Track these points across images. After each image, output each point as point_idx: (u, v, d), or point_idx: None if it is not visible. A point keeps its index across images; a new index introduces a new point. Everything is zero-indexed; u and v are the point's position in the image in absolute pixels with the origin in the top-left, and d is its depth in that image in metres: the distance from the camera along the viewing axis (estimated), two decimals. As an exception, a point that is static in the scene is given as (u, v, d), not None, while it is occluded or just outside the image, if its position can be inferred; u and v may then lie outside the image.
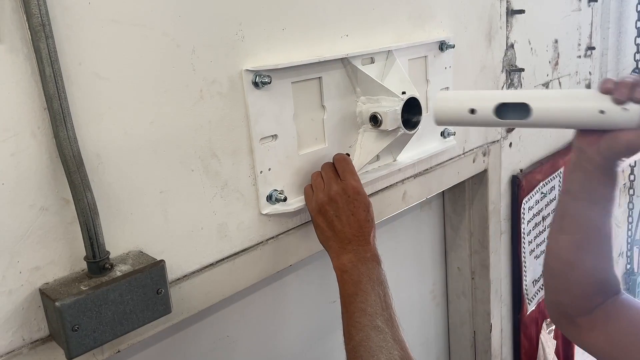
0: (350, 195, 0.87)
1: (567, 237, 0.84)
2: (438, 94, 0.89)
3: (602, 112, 0.73)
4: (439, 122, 0.89)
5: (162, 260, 0.70)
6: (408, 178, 1.19)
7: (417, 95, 0.99)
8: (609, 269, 0.84)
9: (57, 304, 0.61)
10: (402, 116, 0.96)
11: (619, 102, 0.72)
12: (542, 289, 1.73)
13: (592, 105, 0.74)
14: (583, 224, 0.82)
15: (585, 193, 0.80)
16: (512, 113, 0.83)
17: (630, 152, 0.74)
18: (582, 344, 0.87)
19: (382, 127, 0.96)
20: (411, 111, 0.98)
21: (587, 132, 0.78)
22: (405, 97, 0.97)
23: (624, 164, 0.77)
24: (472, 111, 0.85)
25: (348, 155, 0.96)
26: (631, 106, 0.72)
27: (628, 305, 0.83)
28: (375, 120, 0.97)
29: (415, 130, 0.99)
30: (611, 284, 0.85)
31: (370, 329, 0.74)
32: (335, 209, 0.86)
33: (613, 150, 0.74)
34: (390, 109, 0.95)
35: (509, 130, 1.52)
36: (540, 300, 1.76)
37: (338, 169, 0.91)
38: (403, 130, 0.97)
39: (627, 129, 0.73)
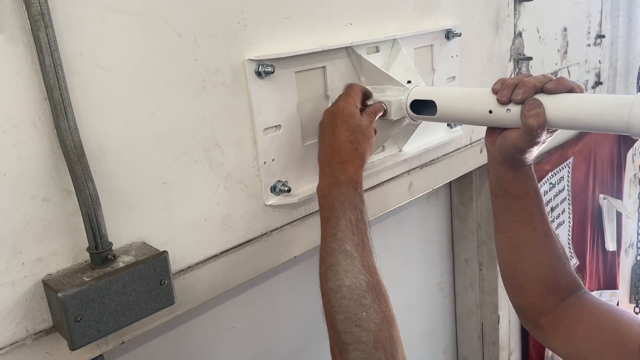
0: (335, 114, 0.83)
1: (503, 235, 0.84)
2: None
3: (490, 112, 0.78)
4: None
5: (164, 251, 0.70)
6: (414, 169, 1.18)
7: (422, 84, 0.98)
8: (556, 265, 0.82)
9: (59, 294, 0.61)
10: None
11: (501, 104, 0.76)
12: (550, 280, 1.72)
13: (483, 104, 0.79)
14: (509, 221, 0.82)
15: (501, 190, 0.82)
16: (425, 109, 0.91)
17: (517, 151, 0.76)
18: (549, 346, 0.85)
19: (387, 117, 0.94)
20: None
21: (491, 131, 0.81)
22: (411, 86, 0.96)
23: (530, 159, 0.78)
24: None
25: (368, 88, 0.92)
26: (512, 107, 0.76)
27: (591, 306, 0.80)
28: (380, 110, 0.95)
29: (421, 120, 0.98)
30: (562, 282, 0.82)
31: (339, 253, 0.72)
32: (323, 128, 0.84)
33: (504, 149, 0.77)
34: (395, 99, 0.94)
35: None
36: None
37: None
38: (408, 120, 0.96)
39: (513, 128, 0.76)
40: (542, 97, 0.74)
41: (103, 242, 0.67)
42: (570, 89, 0.74)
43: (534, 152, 0.78)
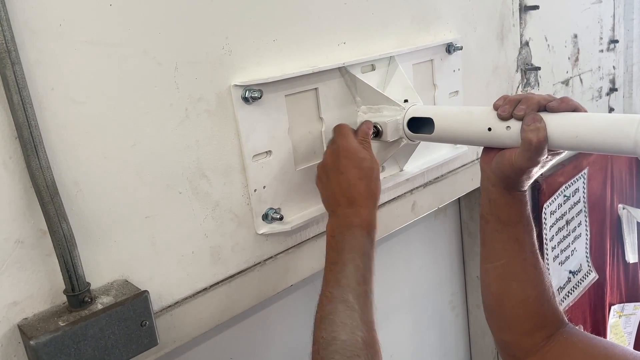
0: (337, 152, 0.81)
1: (491, 265, 0.79)
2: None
3: (489, 129, 0.75)
4: None
5: (145, 291, 0.67)
6: (417, 188, 1.14)
7: (420, 102, 0.94)
8: (543, 300, 0.77)
9: (31, 342, 0.58)
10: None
11: (502, 119, 0.73)
12: (567, 296, 1.65)
13: (483, 121, 0.76)
14: (499, 249, 0.78)
15: (492, 215, 0.77)
16: (423, 127, 0.88)
17: (514, 171, 0.72)
18: None
19: (383, 139, 0.90)
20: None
21: (487, 151, 0.78)
22: (408, 105, 0.92)
23: (526, 183, 0.74)
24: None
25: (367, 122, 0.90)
26: (512, 124, 0.73)
27: (581, 344, 0.75)
28: (375, 131, 0.92)
29: (419, 140, 0.94)
30: (549, 318, 0.77)
31: (340, 302, 0.67)
32: (326, 170, 0.81)
33: (500, 169, 0.74)
34: (392, 119, 0.90)
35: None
36: (566, 308, 1.68)
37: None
38: (406, 140, 0.92)
39: (511, 147, 0.73)
40: (544, 115, 0.71)
41: (80, 283, 0.64)
42: (575, 108, 0.70)
43: (531, 175, 0.74)
